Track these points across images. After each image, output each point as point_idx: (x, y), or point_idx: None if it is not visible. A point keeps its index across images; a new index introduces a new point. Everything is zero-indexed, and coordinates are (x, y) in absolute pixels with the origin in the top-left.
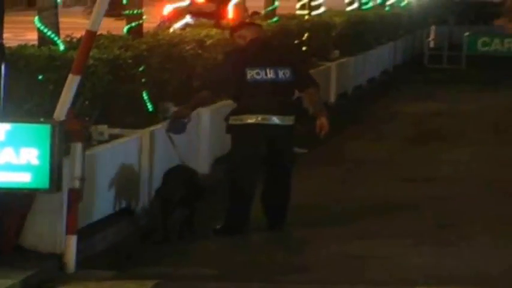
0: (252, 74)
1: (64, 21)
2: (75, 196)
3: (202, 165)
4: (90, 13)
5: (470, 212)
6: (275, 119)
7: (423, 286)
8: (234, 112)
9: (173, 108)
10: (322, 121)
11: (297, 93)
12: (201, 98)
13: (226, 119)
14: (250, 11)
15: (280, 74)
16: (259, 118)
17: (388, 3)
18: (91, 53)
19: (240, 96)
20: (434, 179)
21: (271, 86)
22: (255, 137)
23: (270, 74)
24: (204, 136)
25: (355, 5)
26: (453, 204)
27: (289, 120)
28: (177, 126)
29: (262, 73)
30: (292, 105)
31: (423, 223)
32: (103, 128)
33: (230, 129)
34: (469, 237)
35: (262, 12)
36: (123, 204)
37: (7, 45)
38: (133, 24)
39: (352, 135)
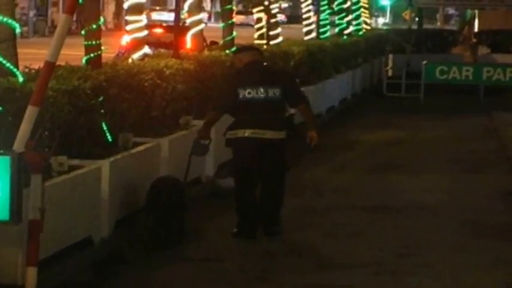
0: (244, 93)
1: (23, 51)
2: (35, 227)
3: None
4: None
5: (429, 241)
6: (266, 133)
7: None
8: (230, 127)
9: (132, 139)
10: (313, 133)
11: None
12: (210, 118)
13: (225, 134)
14: (208, 41)
15: (271, 93)
16: (251, 132)
17: (346, 32)
18: (50, 84)
19: (235, 113)
20: (394, 207)
21: (262, 104)
22: (248, 149)
23: (261, 93)
24: (163, 165)
25: (313, 35)
26: (412, 233)
27: (280, 135)
28: (200, 148)
29: (254, 92)
30: (283, 121)
31: (383, 252)
32: (63, 159)
33: (228, 142)
34: (428, 265)
35: (221, 42)
36: (84, 235)
37: None
38: (91, 55)
39: (311, 164)
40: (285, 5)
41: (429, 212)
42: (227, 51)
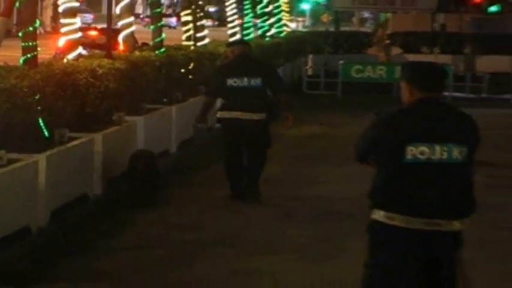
0: (231, 82)
1: None
2: None
3: (96, 182)
4: None
5: (350, 227)
6: (249, 115)
7: None
8: (220, 108)
9: (68, 134)
10: (288, 116)
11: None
12: (206, 104)
13: (216, 113)
14: (140, 42)
15: (253, 82)
16: (237, 114)
17: (268, 34)
18: None
19: (225, 97)
20: (316, 196)
21: (246, 91)
22: (234, 127)
23: (245, 82)
24: (97, 159)
25: (238, 36)
26: (333, 221)
27: (260, 116)
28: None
29: (239, 81)
30: (264, 105)
31: (306, 238)
32: (1, 152)
33: (218, 120)
34: (348, 250)
35: (151, 43)
36: (22, 224)
37: None
38: (28, 55)
39: None
40: (212, 9)
41: (349, 201)
42: (157, 52)
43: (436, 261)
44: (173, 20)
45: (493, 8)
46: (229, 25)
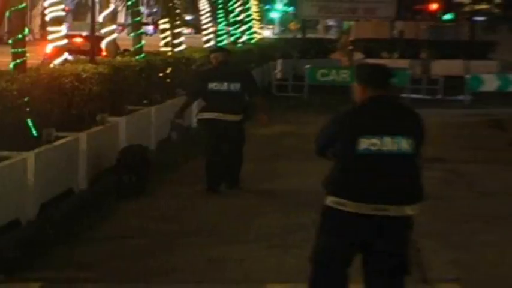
0: (212, 86)
1: None
2: None
3: (81, 178)
4: None
5: (313, 217)
6: (227, 116)
7: (272, 283)
8: (201, 110)
9: (55, 134)
10: (262, 117)
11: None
12: (185, 103)
13: (197, 114)
14: (122, 48)
15: (232, 87)
16: (217, 115)
17: (240, 40)
18: None
19: (205, 99)
20: (284, 190)
21: (225, 94)
22: (214, 127)
23: (225, 87)
24: (82, 157)
25: (212, 43)
26: (299, 212)
27: (237, 117)
28: (177, 127)
29: (219, 86)
30: (241, 107)
31: (275, 229)
32: None
33: (198, 121)
34: (311, 239)
35: (132, 49)
36: (12, 217)
37: None
38: (18, 61)
39: None
40: (188, 17)
41: (314, 194)
42: (137, 57)
43: (380, 242)
44: (150, 28)
45: (447, 16)
46: (204, 32)
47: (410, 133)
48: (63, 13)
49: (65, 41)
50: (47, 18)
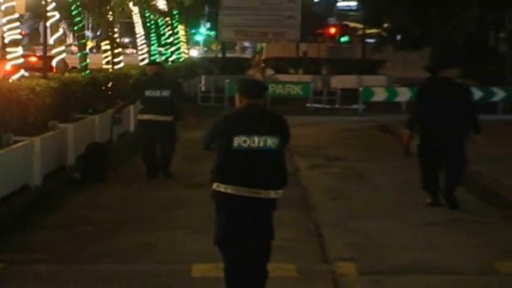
0: (147, 93)
1: None
2: None
3: (35, 175)
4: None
5: None
6: (159, 117)
7: (197, 264)
8: (140, 112)
9: (13, 138)
10: (190, 119)
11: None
12: (124, 104)
13: (137, 115)
14: (70, 66)
15: (163, 93)
16: (152, 116)
17: (170, 59)
18: None
19: (143, 103)
20: (205, 184)
21: (158, 100)
22: (147, 126)
23: (158, 93)
24: (36, 158)
25: (146, 61)
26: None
27: (168, 118)
28: (116, 119)
29: (153, 92)
30: (171, 110)
31: (196, 217)
32: None
33: (138, 121)
34: None
35: (78, 66)
36: None
37: None
38: None
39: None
40: (127, 39)
41: None
42: (83, 74)
43: (258, 215)
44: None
45: (344, 39)
46: (140, 52)
47: (276, 133)
48: (19, 36)
49: (22, 60)
50: (6, 41)
